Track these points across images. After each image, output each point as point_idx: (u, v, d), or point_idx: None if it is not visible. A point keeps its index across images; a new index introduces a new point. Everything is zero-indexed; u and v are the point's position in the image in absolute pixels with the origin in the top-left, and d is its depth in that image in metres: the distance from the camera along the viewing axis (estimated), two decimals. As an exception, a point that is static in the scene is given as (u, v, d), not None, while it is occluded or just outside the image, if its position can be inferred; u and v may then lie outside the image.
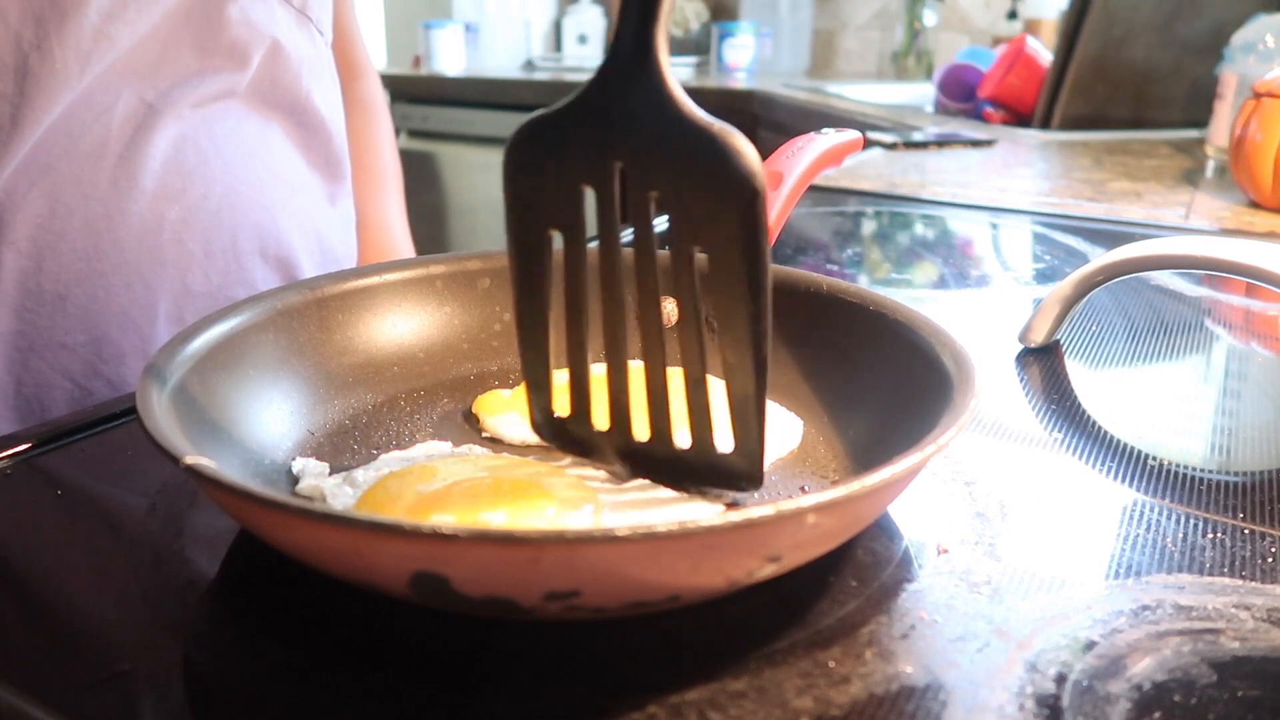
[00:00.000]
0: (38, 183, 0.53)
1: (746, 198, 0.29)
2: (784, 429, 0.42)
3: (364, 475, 0.37)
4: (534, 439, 0.41)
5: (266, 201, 0.62)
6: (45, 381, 0.55)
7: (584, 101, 0.32)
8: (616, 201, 0.32)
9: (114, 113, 0.55)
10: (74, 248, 0.54)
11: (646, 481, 0.37)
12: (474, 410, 0.43)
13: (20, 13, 0.51)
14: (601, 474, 0.38)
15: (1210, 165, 1.21)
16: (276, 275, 0.63)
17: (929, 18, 2.36)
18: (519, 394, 0.44)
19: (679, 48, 2.81)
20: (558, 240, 0.34)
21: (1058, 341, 0.56)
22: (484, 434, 0.42)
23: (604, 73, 0.32)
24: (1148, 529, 0.37)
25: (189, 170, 0.57)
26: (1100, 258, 0.53)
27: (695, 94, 1.88)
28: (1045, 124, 1.50)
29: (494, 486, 0.34)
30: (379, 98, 0.89)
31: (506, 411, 0.43)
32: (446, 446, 0.40)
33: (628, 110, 0.31)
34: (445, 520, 0.32)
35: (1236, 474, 0.42)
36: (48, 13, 0.51)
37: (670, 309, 0.49)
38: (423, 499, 0.33)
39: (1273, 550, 0.35)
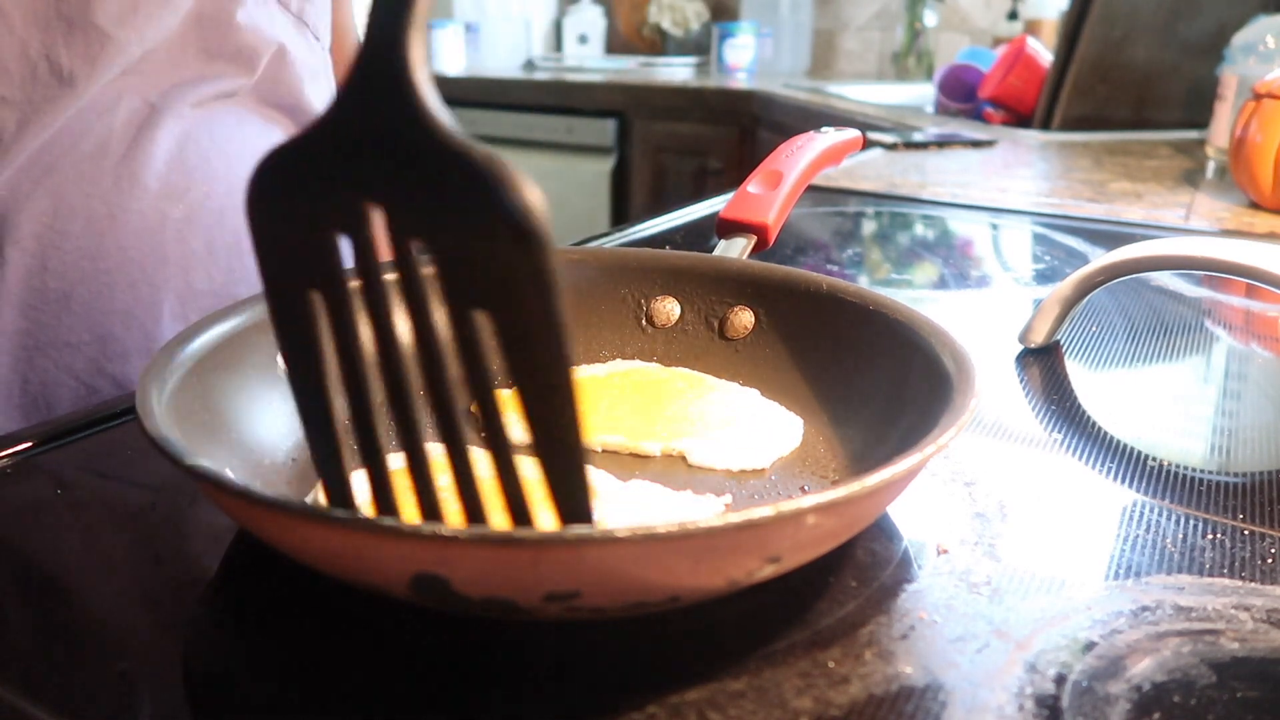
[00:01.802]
0: (41, 182, 0.53)
1: (519, 240, 0.24)
2: (784, 429, 0.42)
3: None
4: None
5: None
6: (51, 380, 0.55)
7: (329, 127, 0.26)
8: (374, 252, 0.27)
9: (116, 112, 0.55)
10: (78, 246, 0.54)
11: (647, 481, 0.37)
12: (473, 410, 0.43)
13: (26, 20, 0.51)
14: (601, 471, 0.38)
15: (1210, 166, 1.21)
16: None
17: (929, 18, 2.36)
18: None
19: (679, 48, 2.81)
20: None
21: (1058, 342, 0.56)
22: (483, 434, 0.42)
23: (349, 90, 0.26)
24: (1148, 529, 0.37)
25: (191, 169, 0.57)
26: (1100, 258, 0.53)
27: (695, 94, 1.85)
28: (1045, 124, 1.50)
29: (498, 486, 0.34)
30: None
31: (507, 410, 0.42)
32: (440, 448, 0.40)
33: (378, 136, 0.25)
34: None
35: (1236, 474, 0.42)
36: (54, 21, 0.51)
37: (671, 308, 0.49)
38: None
39: (1272, 551, 0.35)
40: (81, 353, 0.55)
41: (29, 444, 0.41)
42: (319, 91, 0.68)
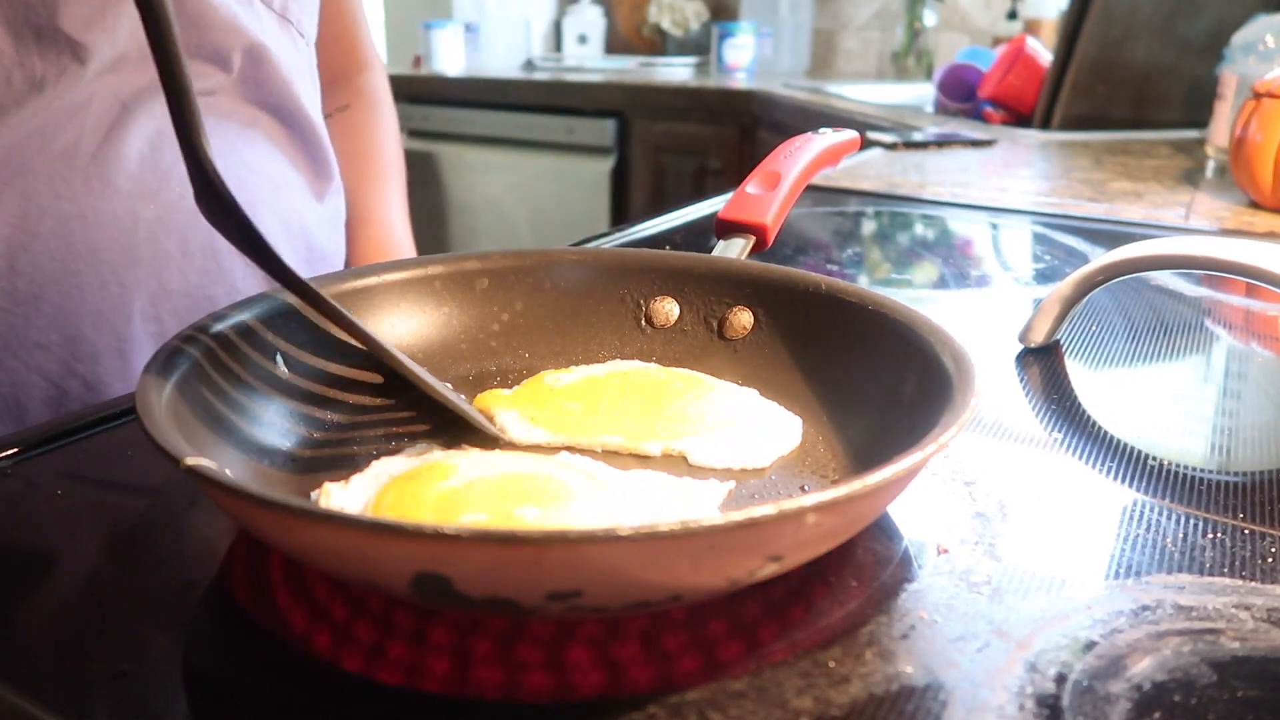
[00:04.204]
0: (11, 182, 0.53)
1: None
2: (784, 428, 0.42)
3: (363, 482, 0.37)
4: (533, 439, 0.41)
5: (247, 199, 0.61)
6: (21, 380, 0.55)
7: None
8: None
9: (88, 112, 0.54)
10: (47, 247, 0.54)
11: (649, 472, 0.37)
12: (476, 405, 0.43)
13: (1, 30, 0.51)
14: (600, 464, 0.38)
15: (1210, 165, 1.21)
16: (257, 274, 0.62)
17: (929, 18, 2.36)
18: (519, 393, 0.44)
19: (679, 48, 2.81)
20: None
21: (1058, 341, 0.56)
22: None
23: None
24: (1148, 529, 0.37)
25: (165, 169, 0.57)
26: (1100, 258, 0.53)
27: (695, 94, 1.86)
28: (1045, 124, 1.50)
29: (516, 482, 0.34)
30: (384, 91, 0.88)
31: (507, 409, 0.43)
32: (437, 450, 0.40)
33: None
34: (477, 519, 0.32)
35: (1236, 474, 0.42)
36: (24, 28, 0.51)
37: (670, 308, 0.49)
38: (448, 499, 0.33)
39: (1273, 550, 0.35)
40: (51, 353, 0.55)
41: (29, 445, 0.41)
42: (307, 90, 0.68)
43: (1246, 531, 0.36)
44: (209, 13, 0.58)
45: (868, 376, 0.42)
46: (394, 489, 0.35)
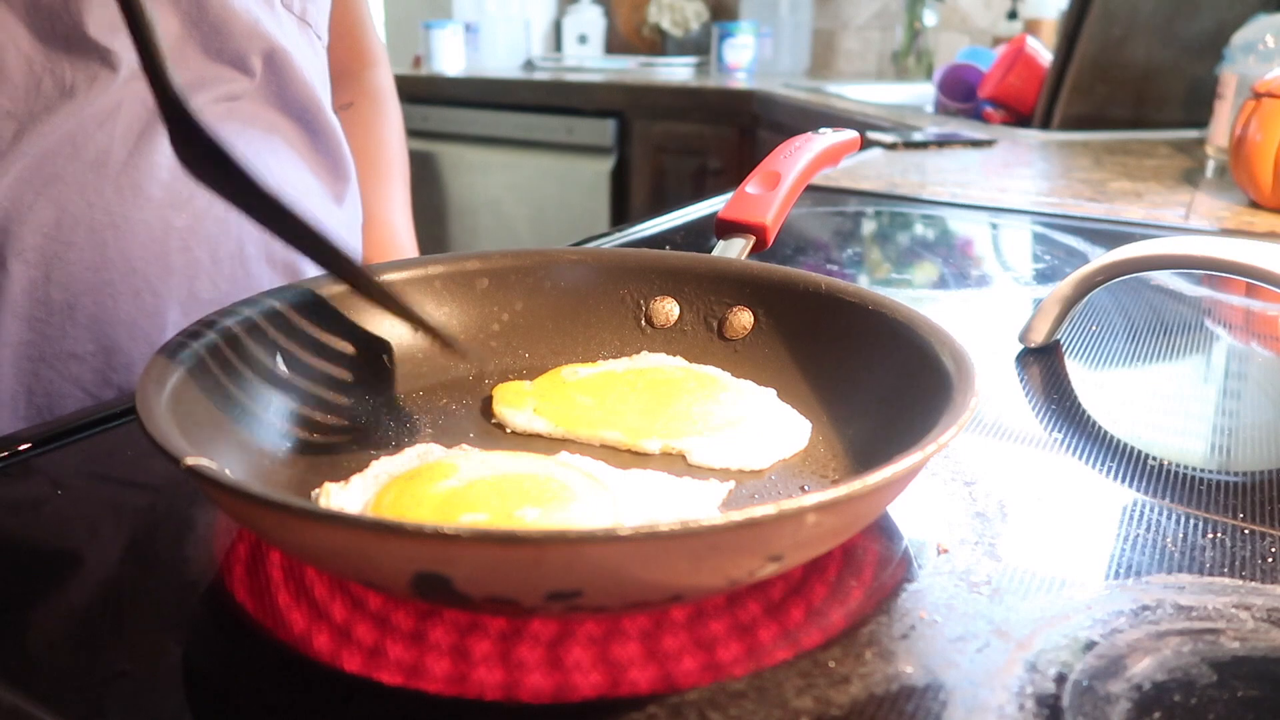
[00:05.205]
0: (43, 192, 0.53)
1: None
2: (790, 431, 0.41)
3: (363, 482, 0.37)
4: (533, 428, 0.41)
5: None
6: (56, 391, 0.55)
7: None
8: None
9: (117, 120, 0.54)
10: (81, 257, 0.54)
11: (649, 472, 0.37)
12: (493, 394, 0.44)
13: (31, 36, 0.51)
14: (600, 463, 0.38)
15: (1210, 165, 1.21)
16: (283, 281, 0.63)
17: (929, 18, 2.36)
18: (537, 385, 0.44)
19: (679, 48, 2.81)
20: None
21: (1058, 341, 0.56)
22: (492, 420, 0.42)
23: None
24: (1148, 529, 0.37)
25: None
26: (1100, 258, 0.53)
27: (695, 94, 1.86)
28: (1045, 124, 1.50)
29: (516, 482, 0.34)
30: (389, 87, 0.88)
31: (522, 401, 0.43)
32: (438, 449, 0.40)
33: None
34: (477, 519, 0.32)
35: (1236, 474, 0.42)
36: (52, 35, 0.51)
37: (670, 308, 0.49)
38: (448, 499, 0.33)
39: (1273, 550, 0.35)
40: (86, 364, 0.55)
41: (29, 445, 0.41)
42: (325, 92, 0.68)
43: (1246, 531, 0.36)
44: (231, 18, 0.58)
45: (868, 376, 0.42)
46: (394, 489, 0.35)
